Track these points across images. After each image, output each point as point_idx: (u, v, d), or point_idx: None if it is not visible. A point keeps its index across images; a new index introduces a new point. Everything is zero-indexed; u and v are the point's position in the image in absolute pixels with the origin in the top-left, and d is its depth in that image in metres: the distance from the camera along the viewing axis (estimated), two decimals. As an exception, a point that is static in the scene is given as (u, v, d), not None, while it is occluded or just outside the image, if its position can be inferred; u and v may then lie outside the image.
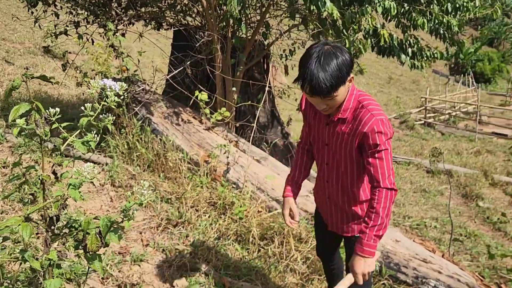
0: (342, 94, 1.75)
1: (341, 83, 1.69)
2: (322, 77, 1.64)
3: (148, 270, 2.73)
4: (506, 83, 27.60)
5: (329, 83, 1.65)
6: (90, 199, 3.31)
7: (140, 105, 4.29)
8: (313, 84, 1.65)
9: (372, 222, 1.84)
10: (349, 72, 1.72)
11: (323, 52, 1.67)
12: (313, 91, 1.68)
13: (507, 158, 9.89)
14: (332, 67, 1.65)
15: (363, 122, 1.80)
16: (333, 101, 1.75)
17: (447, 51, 5.43)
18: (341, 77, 1.67)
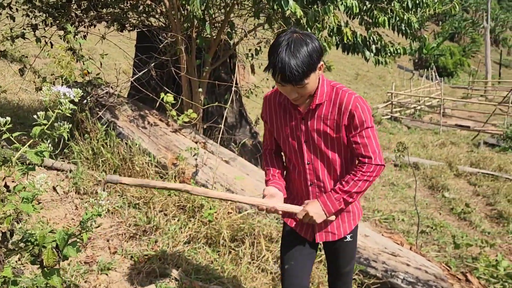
0: (313, 82, 1.72)
1: (312, 70, 1.66)
2: (293, 64, 1.61)
3: (116, 279, 2.66)
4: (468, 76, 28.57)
5: (301, 70, 1.62)
6: (54, 207, 3.21)
7: (104, 109, 4.19)
8: (285, 71, 1.62)
9: (348, 187, 1.84)
10: (319, 59, 1.69)
11: (293, 40, 1.64)
12: (285, 79, 1.65)
13: (470, 149, 10.22)
14: (303, 54, 1.62)
15: (345, 102, 1.78)
16: (304, 89, 1.71)
17: (411, 47, 5.55)
18: (312, 63, 1.64)
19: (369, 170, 1.81)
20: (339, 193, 1.85)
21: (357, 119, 1.78)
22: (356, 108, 1.77)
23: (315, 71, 1.69)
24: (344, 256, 2.12)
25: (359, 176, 1.82)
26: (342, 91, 1.80)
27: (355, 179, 1.82)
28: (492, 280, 3.77)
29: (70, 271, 2.53)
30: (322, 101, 1.82)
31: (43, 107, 6.25)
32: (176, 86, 4.83)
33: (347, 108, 1.77)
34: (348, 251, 2.11)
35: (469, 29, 39.98)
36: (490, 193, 6.86)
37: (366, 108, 1.79)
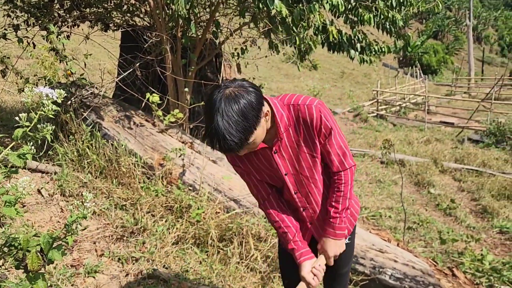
0: (261, 133, 1.58)
1: (252, 131, 1.50)
2: (228, 135, 1.45)
3: (104, 281, 2.63)
4: (451, 73, 28.96)
5: (237, 139, 1.46)
6: (39, 210, 3.16)
7: (89, 110, 4.14)
8: (222, 144, 1.47)
9: (341, 206, 1.82)
10: (259, 112, 1.52)
11: (224, 101, 1.46)
12: (225, 151, 1.51)
13: (454, 145, 10.35)
14: (236, 119, 1.45)
15: (308, 117, 1.66)
16: (253, 144, 1.58)
17: (395, 45, 5.60)
18: (248, 126, 1.48)
19: (347, 178, 1.80)
20: (338, 216, 1.82)
21: (324, 129, 1.69)
22: (321, 118, 1.67)
23: (257, 127, 1.53)
24: (343, 258, 2.01)
25: (343, 188, 1.80)
26: (299, 106, 1.67)
27: (341, 195, 1.80)
28: (478, 274, 3.82)
29: (56, 274, 2.50)
30: (286, 127, 1.69)
31: (25, 109, 6.15)
32: (161, 86, 4.80)
33: (312, 122, 1.67)
34: (347, 253, 2.02)
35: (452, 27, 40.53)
36: (474, 188, 6.96)
37: (328, 113, 1.69)
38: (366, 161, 8.60)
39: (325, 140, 1.72)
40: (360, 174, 7.67)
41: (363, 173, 7.74)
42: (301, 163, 1.76)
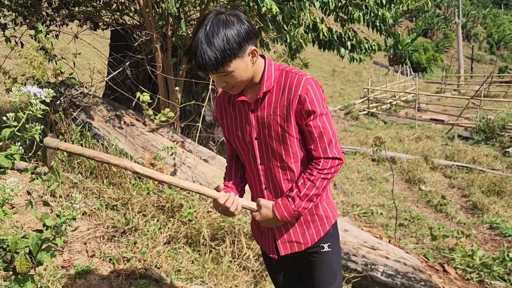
0: (241, 70, 1.53)
1: (231, 57, 1.47)
2: (206, 50, 1.44)
3: (95, 282, 2.61)
4: (441, 71, 29.18)
5: (214, 57, 1.45)
6: (28, 212, 3.12)
7: (79, 110, 4.10)
8: (197, 58, 1.46)
9: (306, 190, 1.62)
10: (244, 44, 1.49)
11: (214, 22, 1.46)
12: (199, 66, 1.49)
13: (444, 142, 10.44)
14: (219, 39, 1.44)
15: (294, 85, 1.57)
16: (231, 78, 1.54)
17: (385, 43, 5.63)
18: (230, 49, 1.46)
19: (326, 167, 1.61)
20: (296, 200, 1.63)
21: (309, 104, 1.56)
22: (307, 91, 1.56)
23: (240, 57, 1.50)
24: (323, 272, 1.78)
25: (315, 175, 1.61)
26: (292, 73, 1.61)
27: (311, 179, 1.61)
28: (469, 270, 3.86)
29: (46, 276, 2.47)
30: (270, 87, 1.62)
31: (13, 109, 6.08)
32: (152, 85, 4.77)
33: (296, 91, 1.57)
34: (328, 264, 1.77)
35: (441, 25, 40.85)
36: (465, 185, 7.03)
37: (318, 92, 1.59)
38: (357, 158, 8.64)
39: (309, 119, 1.59)
40: (351, 172, 7.70)
41: (355, 171, 7.78)
42: (271, 133, 1.64)
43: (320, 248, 1.75)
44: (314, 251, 1.76)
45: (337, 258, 1.81)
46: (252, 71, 1.59)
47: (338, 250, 1.82)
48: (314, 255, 1.76)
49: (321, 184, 1.62)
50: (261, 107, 1.65)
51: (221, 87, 1.61)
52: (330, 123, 1.62)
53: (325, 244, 1.75)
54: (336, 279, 1.81)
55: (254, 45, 1.54)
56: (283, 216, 1.66)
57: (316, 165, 1.61)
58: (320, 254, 1.76)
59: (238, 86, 1.60)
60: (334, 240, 1.79)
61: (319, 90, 1.60)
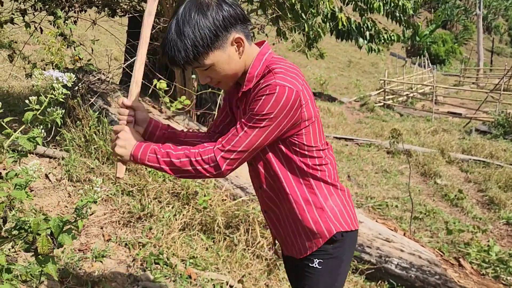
0: (223, 62, 1.33)
1: (206, 49, 1.28)
2: (176, 41, 1.27)
3: (111, 266, 2.65)
4: (459, 63, 28.67)
5: (184, 50, 1.27)
6: (46, 195, 3.17)
7: (96, 96, 4.13)
8: (166, 51, 1.29)
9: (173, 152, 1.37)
10: (222, 32, 1.28)
11: (188, 6, 1.27)
12: (169, 60, 1.32)
13: (461, 136, 10.29)
14: (189, 29, 1.25)
15: (262, 86, 1.32)
16: (213, 72, 1.35)
17: (404, 34, 5.54)
18: (201, 40, 1.26)
19: (204, 154, 1.35)
20: (159, 148, 1.39)
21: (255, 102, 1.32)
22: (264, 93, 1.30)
23: (218, 48, 1.30)
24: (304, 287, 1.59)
25: (192, 152, 1.36)
26: (270, 73, 1.33)
27: (187, 151, 1.37)
28: (484, 265, 3.81)
29: (64, 258, 2.51)
30: (251, 86, 1.39)
31: (33, 94, 6.17)
32: (168, 72, 4.78)
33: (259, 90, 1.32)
34: (312, 282, 1.56)
35: (461, 17, 40.01)
36: (481, 179, 6.92)
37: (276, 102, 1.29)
38: (372, 151, 8.57)
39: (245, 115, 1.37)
40: (366, 164, 7.65)
41: (369, 163, 7.72)
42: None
43: (309, 262, 1.55)
44: (305, 264, 1.57)
45: (328, 279, 1.56)
46: (240, 63, 1.38)
47: (332, 272, 1.56)
48: (305, 268, 1.57)
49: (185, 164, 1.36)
50: (244, 105, 1.47)
51: (204, 83, 1.41)
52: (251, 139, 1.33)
53: (316, 260, 1.54)
54: None
55: (240, 33, 1.33)
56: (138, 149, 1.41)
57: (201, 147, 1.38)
58: (308, 267, 1.56)
59: (225, 81, 1.41)
60: (331, 260, 1.54)
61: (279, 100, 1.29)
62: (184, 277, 2.69)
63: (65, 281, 2.36)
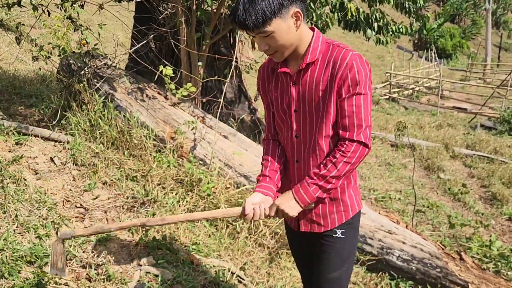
0: (282, 31, 1.51)
1: (271, 15, 1.47)
2: (247, 7, 1.46)
3: (114, 250, 2.67)
4: (467, 58, 28.44)
5: (254, 15, 1.46)
6: (51, 178, 3.19)
7: (102, 81, 4.12)
8: (238, 15, 1.49)
9: (325, 172, 1.58)
10: (286, 3, 1.48)
11: None
12: (239, 24, 1.51)
13: (466, 131, 10.24)
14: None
15: (339, 60, 1.53)
16: (272, 40, 1.53)
17: (411, 27, 5.49)
18: (269, 7, 1.45)
19: (350, 150, 1.55)
20: (314, 179, 1.60)
21: (350, 80, 1.52)
22: (352, 67, 1.51)
23: (281, 17, 1.49)
24: (330, 257, 1.75)
25: (338, 157, 1.56)
26: (339, 48, 1.56)
27: (333, 161, 1.57)
28: (485, 260, 3.82)
29: (68, 241, 2.53)
30: (314, 59, 1.59)
31: (39, 77, 6.17)
32: (175, 59, 4.76)
33: (341, 66, 1.52)
34: (337, 251, 1.74)
35: (470, 11, 39.57)
36: (485, 175, 6.91)
37: (363, 70, 1.53)
38: (376, 143, 8.56)
39: (346, 95, 1.54)
40: (369, 156, 7.64)
41: (373, 156, 7.71)
42: (311, 108, 1.63)
43: (333, 233, 1.74)
44: (327, 235, 1.74)
45: (349, 247, 1.78)
46: (296, 36, 1.56)
47: (352, 239, 1.78)
48: (326, 239, 1.75)
49: (343, 167, 1.57)
50: (303, 80, 1.62)
51: (262, 50, 1.57)
52: (367, 106, 1.55)
53: (338, 230, 1.73)
54: (343, 267, 1.77)
55: (299, 8, 1.52)
56: (299, 194, 1.63)
57: (340, 147, 1.58)
58: (331, 238, 1.74)
59: (281, 51, 1.57)
60: (351, 229, 1.76)
61: (364, 68, 1.54)
62: (186, 262, 2.71)
63: (69, 263, 2.38)
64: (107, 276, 2.39)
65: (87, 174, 3.32)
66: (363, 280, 3.24)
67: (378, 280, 3.27)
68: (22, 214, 2.54)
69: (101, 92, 4.03)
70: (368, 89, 1.55)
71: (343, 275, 1.77)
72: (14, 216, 2.48)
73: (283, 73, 1.68)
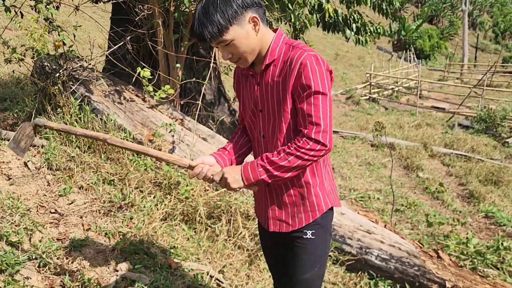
0: (242, 38, 1.54)
1: (226, 24, 1.49)
2: (202, 20, 1.50)
3: (90, 256, 2.62)
4: (444, 59, 28.96)
5: (210, 26, 1.49)
6: (25, 184, 3.11)
7: (78, 83, 4.05)
8: (196, 29, 1.52)
9: (276, 159, 1.56)
10: (240, 10, 1.51)
11: None
12: (197, 36, 1.54)
13: (444, 130, 10.41)
14: (213, 8, 1.49)
15: (294, 59, 1.54)
16: (233, 48, 1.55)
17: (390, 28, 5.55)
18: (223, 17, 1.48)
19: (305, 147, 1.53)
20: (264, 161, 1.58)
21: (304, 79, 1.52)
22: (305, 66, 1.51)
23: (237, 24, 1.51)
24: (302, 258, 1.73)
25: (292, 150, 1.55)
26: (297, 48, 1.57)
27: (287, 151, 1.55)
28: (462, 257, 3.88)
29: (42, 247, 2.47)
30: (272, 59, 1.62)
31: (13, 80, 6.03)
32: (152, 61, 4.71)
33: (295, 65, 1.53)
34: (309, 253, 1.73)
35: (447, 12, 40.30)
36: (462, 173, 7.04)
37: (318, 69, 1.52)
38: (356, 143, 8.63)
39: (303, 94, 1.54)
40: (350, 156, 7.70)
41: (353, 155, 7.77)
42: (274, 106, 1.64)
43: (303, 234, 1.72)
44: (297, 236, 1.73)
45: (321, 247, 1.76)
46: (256, 41, 1.59)
47: (323, 239, 1.76)
48: (297, 240, 1.74)
49: (294, 161, 1.55)
50: (265, 80, 1.65)
51: (226, 59, 1.61)
52: (325, 105, 1.54)
53: (308, 231, 1.72)
54: (315, 268, 1.75)
55: (255, 13, 1.55)
56: (246, 170, 1.61)
57: (297, 141, 1.56)
58: (302, 240, 1.73)
59: (244, 58, 1.60)
60: (321, 229, 1.74)
61: (319, 67, 1.53)
62: (164, 267, 2.68)
63: (42, 270, 2.33)
64: (82, 282, 2.34)
65: (63, 179, 3.25)
66: (343, 280, 3.26)
67: (357, 279, 3.29)
68: (-7, 221, 2.47)
69: (77, 94, 3.95)
70: (325, 89, 1.54)
71: (316, 275, 1.77)
72: (-16, 223, 2.41)
73: (250, 74, 1.73)
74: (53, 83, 3.92)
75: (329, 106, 1.55)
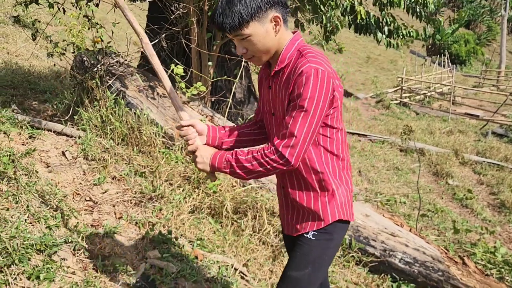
0: (260, 35, 1.51)
1: (247, 18, 1.46)
2: (224, 9, 1.46)
3: (121, 243, 2.74)
4: (480, 65, 28.15)
5: (230, 17, 1.46)
6: (62, 172, 3.27)
7: (114, 78, 4.21)
8: (216, 17, 1.49)
9: (242, 158, 1.56)
10: (265, 7, 1.48)
11: None
12: (216, 25, 1.51)
13: (477, 138, 10.16)
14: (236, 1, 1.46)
15: (297, 69, 1.49)
16: (249, 43, 1.53)
17: (425, 32, 5.49)
18: (247, 10, 1.45)
19: (269, 156, 1.52)
20: (231, 156, 1.58)
21: (297, 89, 1.48)
22: (302, 77, 1.46)
23: (258, 21, 1.48)
24: (295, 255, 1.73)
25: (258, 154, 1.54)
26: (303, 58, 1.51)
27: (253, 154, 1.55)
28: (489, 266, 3.82)
29: (77, 232, 2.61)
30: (283, 65, 1.58)
31: (53, 73, 6.29)
32: (186, 58, 4.84)
33: (295, 75, 1.49)
34: (304, 252, 1.71)
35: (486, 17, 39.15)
36: (494, 182, 6.86)
37: (312, 84, 1.45)
38: (385, 147, 8.55)
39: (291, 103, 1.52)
40: (377, 160, 7.64)
41: (381, 160, 7.71)
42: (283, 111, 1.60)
43: (305, 234, 1.72)
44: (300, 235, 1.74)
45: (319, 251, 1.71)
46: (274, 41, 1.55)
47: (324, 245, 1.71)
48: (300, 239, 1.74)
49: (256, 166, 1.54)
50: (274, 84, 1.63)
51: (240, 54, 1.58)
52: (305, 122, 1.48)
53: (311, 232, 1.70)
54: (306, 269, 1.70)
55: (279, 13, 1.51)
56: (215, 157, 1.63)
57: (266, 148, 1.55)
58: (302, 238, 1.72)
59: (258, 56, 1.57)
60: (325, 235, 1.70)
61: (315, 82, 1.46)
62: (191, 257, 2.77)
63: (77, 253, 2.46)
64: (113, 267, 2.45)
65: (97, 169, 3.39)
66: (365, 281, 3.27)
67: (380, 281, 3.30)
68: (33, 205, 2.61)
69: (113, 89, 4.11)
70: (312, 107, 1.47)
71: (305, 277, 1.71)
72: (25, 206, 2.56)
73: (265, 76, 1.72)
74: (91, 77, 4.09)
75: (309, 123, 1.48)
